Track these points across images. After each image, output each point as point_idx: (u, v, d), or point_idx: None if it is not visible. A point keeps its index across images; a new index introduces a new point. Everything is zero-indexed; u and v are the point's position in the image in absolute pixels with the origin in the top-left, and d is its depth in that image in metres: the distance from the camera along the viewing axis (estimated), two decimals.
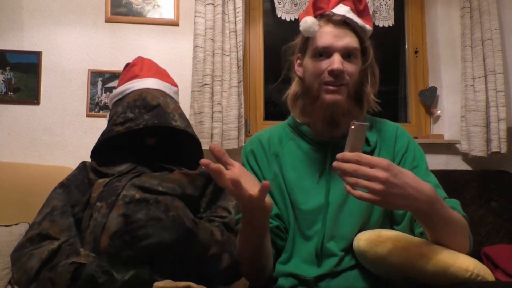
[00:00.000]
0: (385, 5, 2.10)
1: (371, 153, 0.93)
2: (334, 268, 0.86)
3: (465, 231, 0.81)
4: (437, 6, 2.12)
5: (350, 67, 0.89)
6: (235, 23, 1.82)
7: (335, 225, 0.90)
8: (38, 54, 1.78)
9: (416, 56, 2.19)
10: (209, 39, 1.76)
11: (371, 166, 0.67)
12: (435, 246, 0.76)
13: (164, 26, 1.88)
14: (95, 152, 1.14)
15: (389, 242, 0.78)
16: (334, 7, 0.92)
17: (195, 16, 1.79)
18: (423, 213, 0.71)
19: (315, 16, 0.92)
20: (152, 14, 1.88)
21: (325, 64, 0.88)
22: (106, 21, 1.85)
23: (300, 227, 0.92)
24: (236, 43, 1.81)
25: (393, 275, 0.81)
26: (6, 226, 1.31)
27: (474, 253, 0.80)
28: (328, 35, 0.89)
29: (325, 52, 0.89)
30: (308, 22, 0.90)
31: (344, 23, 0.89)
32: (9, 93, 1.76)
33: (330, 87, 0.88)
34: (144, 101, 1.12)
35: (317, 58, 0.90)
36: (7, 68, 1.76)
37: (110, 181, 1.04)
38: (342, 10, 0.91)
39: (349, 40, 0.89)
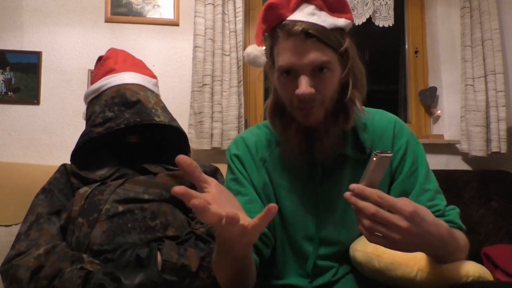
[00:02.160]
0: (385, 5, 2.10)
1: (365, 160, 0.83)
2: (332, 278, 0.85)
3: (467, 250, 0.76)
4: (437, 6, 2.12)
5: (323, 84, 0.74)
6: (235, 23, 1.82)
7: (328, 244, 0.85)
8: (38, 54, 1.78)
9: (416, 56, 2.19)
10: (209, 39, 1.76)
11: (392, 210, 0.59)
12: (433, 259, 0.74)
13: (164, 26, 1.88)
14: (74, 155, 1.07)
15: (386, 255, 0.74)
16: (295, 9, 0.74)
17: (195, 16, 1.79)
18: (435, 254, 0.69)
19: (274, 27, 0.76)
20: (152, 14, 1.88)
21: (292, 86, 0.75)
22: (106, 21, 1.85)
23: (291, 241, 0.86)
24: (236, 43, 1.81)
25: (390, 284, 0.79)
26: (6, 226, 1.31)
27: (474, 253, 0.80)
28: (289, 52, 0.73)
29: (291, 71, 0.75)
30: (250, 55, 0.78)
31: (307, 34, 0.71)
32: (9, 93, 1.75)
33: (302, 112, 0.77)
34: (123, 98, 1.06)
35: (283, 78, 0.76)
36: (7, 68, 1.76)
37: (92, 192, 0.99)
38: (304, 12, 0.73)
39: (315, 54, 0.72)
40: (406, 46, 2.23)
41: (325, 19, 0.74)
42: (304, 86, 0.72)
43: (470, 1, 1.97)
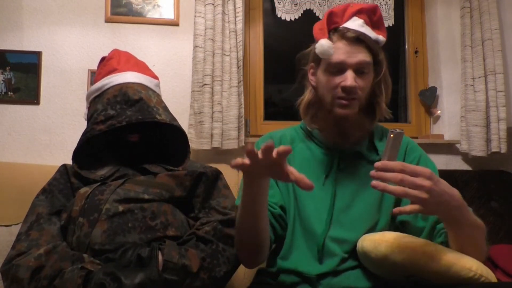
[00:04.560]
0: (385, 5, 2.10)
1: (378, 161, 0.96)
2: (336, 267, 0.87)
3: (484, 236, 0.82)
4: (437, 6, 2.12)
5: (363, 82, 0.91)
6: (235, 23, 1.82)
7: (338, 228, 0.91)
8: (38, 54, 1.78)
9: (416, 56, 2.19)
10: (209, 39, 1.76)
11: (415, 175, 0.68)
12: (439, 246, 0.77)
13: (164, 26, 1.88)
14: (76, 154, 1.08)
15: (392, 240, 0.79)
16: (348, 20, 0.94)
17: (195, 16, 1.79)
18: (454, 219, 0.73)
19: (330, 30, 0.94)
20: (152, 14, 1.88)
21: (338, 79, 0.90)
22: (106, 21, 1.85)
23: (302, 223, 0.93)
24: (236, 43, 1.81)
25: (395, 274, 0.82)
26: (6, 226, 1.31)
27: None
28: (341, 51, 0.90)
29: (338, 68, 0.91)
30: (324, 46, 0.92)
31: (358, 39, 0.90)
32: (9, 93, 1.75)
33: (343, 102, 0.90)
34: (125, 96, 1.07)
35: (330, 73, 0.92)
36: (7, 68, 1.75)
37: (93, 192, 0.99)
38: (356, 24, 0.92)
39: (362, 56, 0.90)
40: (406, 46, 2.23)
41: (371, 32, 0.93)
42: (351, 79, 0.88)
43: (470, 1, 1.97)
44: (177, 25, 1.89)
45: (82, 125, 1.78)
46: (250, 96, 2.02)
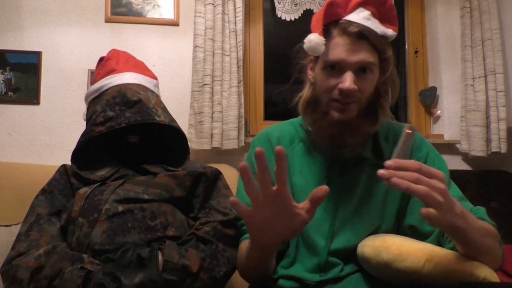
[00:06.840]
0: None
1: (382, 165, 0.87)
2: (338, 275, 0.85)
3: (497, 240, 0.78)
4: (437, 6, 2.12)
5: (364, 83, 0.81)
6: (235, 23, 1.82)
7: (340, 239, 0.87)
8: (38, 54, 1.78)
9: (416, 56, 2.19)
10: (209, 39, 1.76)
11: (430, 176, 0.62)
12: (442, 251, 0.74)
13: (164, 26, 1.88)
14: (75, 155, 1.08)
15: (394, 247, 0.75)
16: (352, 11, 0.81)
17: (195, 16, 1.79)
18: (459, 228, 0.66)
19: (330, 22, 0.82)
20: (152, 14, 1.88)
21: (335, 80, 0.81)
22: (106, 21, 1.85)
23: (305, 236, 0.88)
24: (236, 43, 1.81)
25: (398, 280, 0.78)
26: (6, 226, 1.31)
27: None
28: (341, 48, 0.79)
29: (337, 66, 0.80)
30: (312, 42, 0.81)
31: (361, 35, 0.78)
32: (9, 93, 1.75)
33: (339, 105, 0.81)
34: (124, 97, 1.07)
35: (328, 71, 0.82)
36: (7, 68, 1.76)
37: (92, 192, 0.99)
38: (360, 16, 0.80)
39: (364, 54, 0.79)
40: (406, 46, 2.23)
41: (377, 26, 0.81)
42: (349, 81, 0.78)
43: (470, 1, 1.97)
44: (177, 25, 1.89)
45: (82, 125, 1.77)
46: (250, 96, 2.02)
